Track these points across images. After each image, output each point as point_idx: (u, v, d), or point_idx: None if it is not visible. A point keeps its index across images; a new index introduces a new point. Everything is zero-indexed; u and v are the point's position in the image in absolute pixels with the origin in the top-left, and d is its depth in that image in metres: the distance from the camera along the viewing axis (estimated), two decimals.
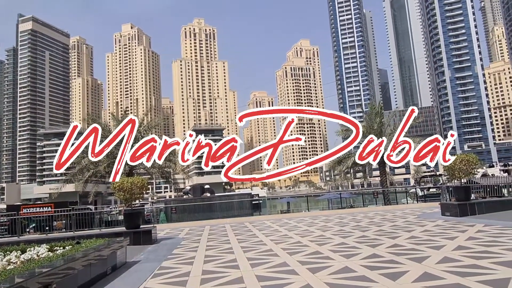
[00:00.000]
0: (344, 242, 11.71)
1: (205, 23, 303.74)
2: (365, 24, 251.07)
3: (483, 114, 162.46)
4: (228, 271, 8.63)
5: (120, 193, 15.00)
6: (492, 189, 20.28)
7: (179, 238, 16.32)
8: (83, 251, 8.40)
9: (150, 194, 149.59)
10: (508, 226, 12.79)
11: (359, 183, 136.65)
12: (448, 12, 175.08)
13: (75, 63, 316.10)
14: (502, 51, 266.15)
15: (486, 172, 50.94)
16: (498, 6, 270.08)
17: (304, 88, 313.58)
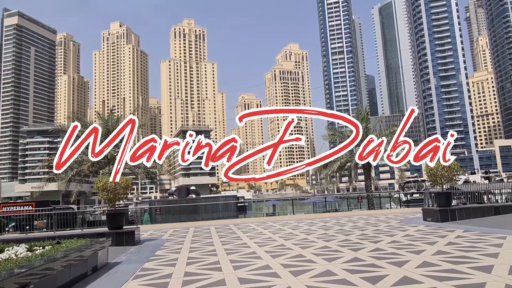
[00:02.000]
0: (327, 246, 11.81)
1: (195, 24, 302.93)
2: (354, 30, 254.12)
3: (466, 122, 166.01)
4: (211, 273, 8.61)
5: (104, 193, 14.83)
6: (473, 195, 20.71)
7: (163, 239, 16.19)
8: (63, 251, 8.27)
9: (135, 194, 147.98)
10: (487, 232, 13.09)
11: (345, 187, 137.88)
12: (435, 21, 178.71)
13: (61, 60, 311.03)
14: (485, 61, 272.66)
15: (467, 178, 51.97)
16: (482, 17, 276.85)
17: (292, 91, 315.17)
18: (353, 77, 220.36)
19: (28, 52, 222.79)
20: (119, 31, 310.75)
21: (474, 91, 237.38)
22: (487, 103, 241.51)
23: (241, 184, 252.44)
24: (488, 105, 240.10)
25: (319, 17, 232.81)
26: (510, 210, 17.25)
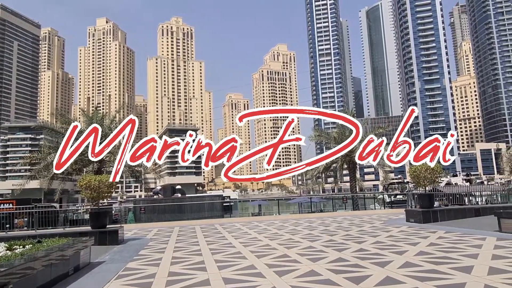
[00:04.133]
0: (312, 246, 11.88)
1: (183, 22, 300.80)
2: (341, 32, 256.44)
3: (449, 125, 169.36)
4: (195, 273, 8.56)
5: (87, 191, 14.61)
6: (454, 197, 21.16)
7: (147, 238, 16.04)
8: (44, 250, 8.10)
9: (119, 193, 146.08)
10: (467, 233, 13.38)
11: (330, 188, 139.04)
12: (420, 25, 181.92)
13: (45, 55, 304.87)
14: (468, 66, 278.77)
15: (449, 181, 53.04)
16: (466, 23, 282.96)
17: (279, 92, 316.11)
18: (340, 79, 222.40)
19: (11, 47, 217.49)
20: (105, 27, 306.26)
21: (457, 95, 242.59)
22: (469, 107, 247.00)
23: (227, 183, 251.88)
24: (470, 109, 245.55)
25: (307, 19, 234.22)
26: (489, 211, 17.65)
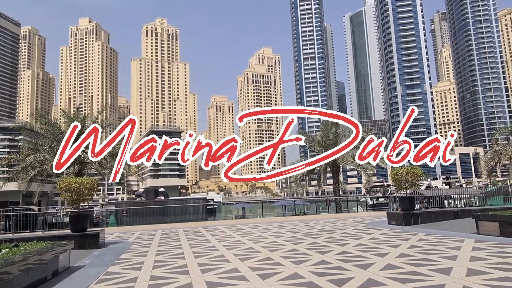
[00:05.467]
0: (296, 249, 11.92)
1: (168, 23, 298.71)
2: (325, 37, 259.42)
3: (429, 129, 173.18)
4: (178, 277, 8.47)
5: (67, 194, 14.26)
6: (434, 200, 21.63)
7: (129, 242, 15.78)
8: (21, 254, 7.87)
9: (101, 195, 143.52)
10: (446, 235, 13.67)
11: (314, 191, 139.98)
12: (402, 31, 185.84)
13: (25, 54, 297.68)
14: (448, 72, 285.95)
15: (430, 184, 54.14)
16: (446, 30, 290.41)
17: (264, 95, 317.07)
18: (324, 82, 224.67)
19: None
20: (88, 27, 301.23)
21: (438, 100, 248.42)
22: (449, 112, 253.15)
23: (211, 186, 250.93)
24: (450, 114, 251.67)
25: (292, 23, 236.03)
26: (468, 214, 18.09)
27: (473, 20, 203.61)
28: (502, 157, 28.39)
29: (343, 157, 27.87)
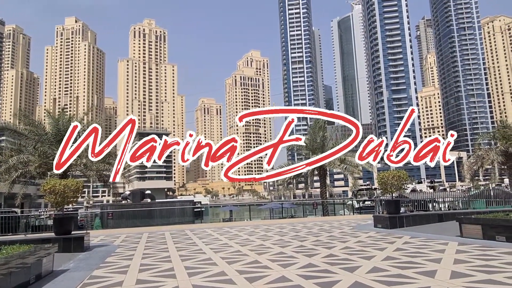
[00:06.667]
0: (283, 252, 11.93)
1: (156, 25, 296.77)
2: (313, 41, 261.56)
3: (414, 134, 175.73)
4: (164, 281, 8.39)
5: (51, 196, 13.98)
6: (419, 203, 21.94)
7: (114, 245, 15.56)
8: (3, 258, 7.69)
9: (86, 198, 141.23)
10: (431, 238, 13.88)
11: (301, 194, 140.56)
12: (388, 37, 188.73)
13: (9, 53, 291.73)
14: (433, 77, 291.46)
15: (415, 187, 54.96)
16: (431, 36, 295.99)
17: (252, 97, 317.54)
18: (312, 86, 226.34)
19: None
20: (74, 26, 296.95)
21: (423, 105, 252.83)
22: (433, 117, 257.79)
23: (198, 189, 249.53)
24: (435, 119, 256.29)
25: (281, 27, 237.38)
26: (452, 217, 18.38)
27: (457, 27, 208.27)
28: (484, 161, 28.99)
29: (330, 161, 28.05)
